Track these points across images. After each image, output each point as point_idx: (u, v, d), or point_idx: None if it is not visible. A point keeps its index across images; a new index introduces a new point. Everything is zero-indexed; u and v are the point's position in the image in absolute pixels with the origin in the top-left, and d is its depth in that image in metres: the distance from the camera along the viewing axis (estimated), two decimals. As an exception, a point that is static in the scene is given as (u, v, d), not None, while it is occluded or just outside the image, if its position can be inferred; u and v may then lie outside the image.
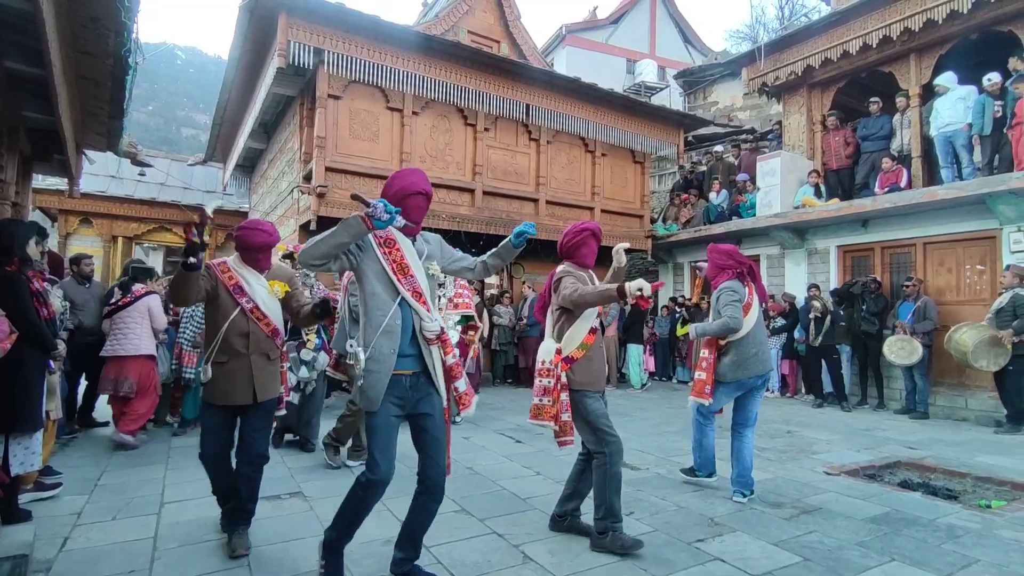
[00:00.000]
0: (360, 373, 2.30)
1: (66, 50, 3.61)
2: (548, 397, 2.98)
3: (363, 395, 2.33)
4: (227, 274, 2.85)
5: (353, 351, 2.30)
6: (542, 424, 3.02)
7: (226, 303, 2.83)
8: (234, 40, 8.19)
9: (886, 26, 8.02)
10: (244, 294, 2.85)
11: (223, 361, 2.81)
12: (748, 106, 14.93)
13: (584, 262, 3.20)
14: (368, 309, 2.36)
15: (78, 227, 12.21)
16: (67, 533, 3.04)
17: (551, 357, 3.01)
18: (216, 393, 2.82)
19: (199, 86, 59.61)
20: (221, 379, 2.80)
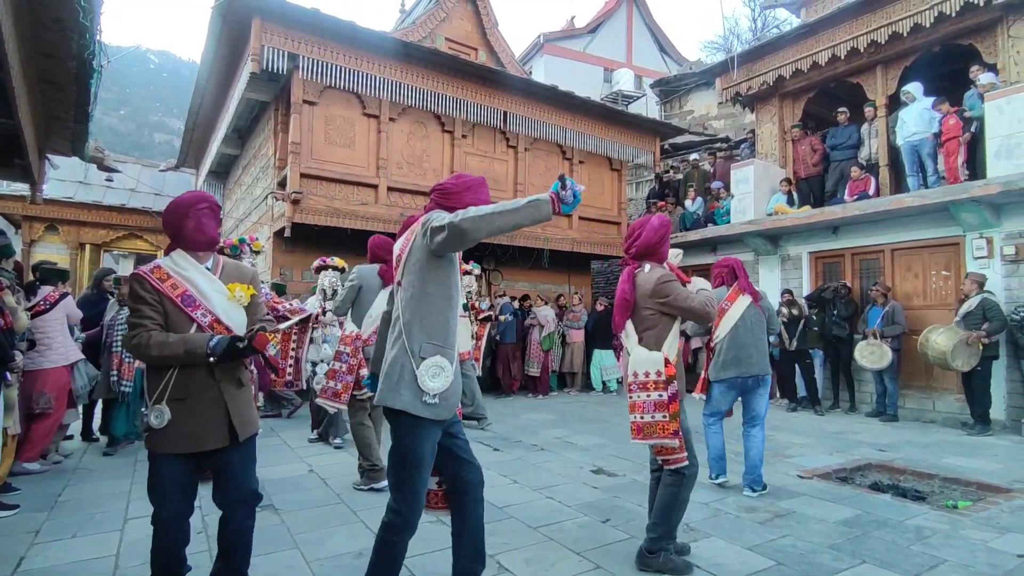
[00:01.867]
0: (441, 387, 2.06)
1: (26, 52, 3.50)
2: (662, 412, 2.68)
3: (442, 405, 2.08)
4: (168, 282, 2.14)
5: (437, 360, 2.05)
6: (660, 443, 2.71)
7: (177, 321, 2.13)
8: (207, 44, 8.06)
9: (853, 38, 8.24)
10: (197, 306, 2.16)
11: (182, 397, 2.10)
12: (723, 115, 15.19)
13: (664, 259, 2.94)
14: (452, 304, 2.14)
15: (43, 234, 11.87)
16: (23, 552, 2.92)
17: (660, 367, 2.71)
18: (178, 440, 2.09)
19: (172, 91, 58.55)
20: (184, 420, 2.08)
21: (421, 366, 2.04)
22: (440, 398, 2.06)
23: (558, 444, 5.51)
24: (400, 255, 2.22)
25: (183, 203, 2.21)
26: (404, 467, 2.08)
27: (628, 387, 2.77)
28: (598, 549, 3.02)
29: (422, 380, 2.03)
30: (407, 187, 8.62)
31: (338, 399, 4.01)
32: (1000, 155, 6.63)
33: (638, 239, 2.89)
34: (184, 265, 2.20)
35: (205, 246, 2.26)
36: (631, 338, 2.83)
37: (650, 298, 2.76)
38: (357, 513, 3.51)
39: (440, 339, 2.09)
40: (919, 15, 7.50)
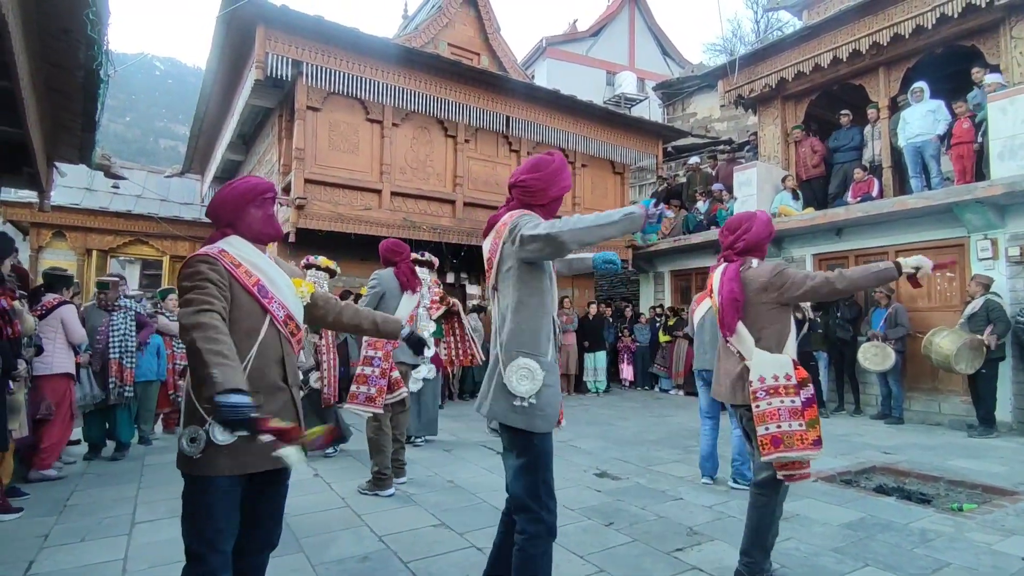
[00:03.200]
0: (531, 391, 1.96)
1: (35, 62, 3.55)
2: (798, 420, 2.41)
3: (541, 416, 1.97)
4: (241, 269, 1.81)
5: (526, 363, 1.97)
6: (802, 455, 2.41)
7: (248, 313, 1.79)
8: (212, 51, 8.14)
9: (855, 40, 8.24)
10: (271, 298, 1.85)
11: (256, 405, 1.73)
12: (725, 117, 15.20)
13: (764, 257, 2.75)
14: (544, 310, 2.05)
15: (51, 240, 11.95)
16: (33, 556, 2.95)
17: (788, 370, 2.47)
18: (245, 456, 1.70)
19: (177, 97, 59.02)
20: None
21: (508, 368, 1.97)
22: (530, 403, 1.95)
23: (561, 447, 5.52)
24: (491, 258, 2.12)
25: (250, 189, 1.90)
26: (527, 474, 1.98)
27: (753, 395, 2.49)
28: (601, 553, 3.03)
29: (509, 383, 1.95)
30: (410, 192, 8.67)
31: (373, 404, 3.97)
32: (1004, 156, 6.61)
33: (746, 233, 2.68)
34: (251, 252, 1.88)
35: (270, 239, 1.98)
36: (745, 341, 2.57)
37: (765, 292, 2.55)
38: (362, 517, 3.53)
39: (530, 346, 2.00)
40: (921, 17, 7.49)
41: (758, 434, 2.47)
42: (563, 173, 2.14)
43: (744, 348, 2.57)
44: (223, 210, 1.90)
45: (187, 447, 1.66)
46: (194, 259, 1.77)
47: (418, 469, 4.70)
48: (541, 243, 1.88)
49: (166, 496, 3.97)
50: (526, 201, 2.11)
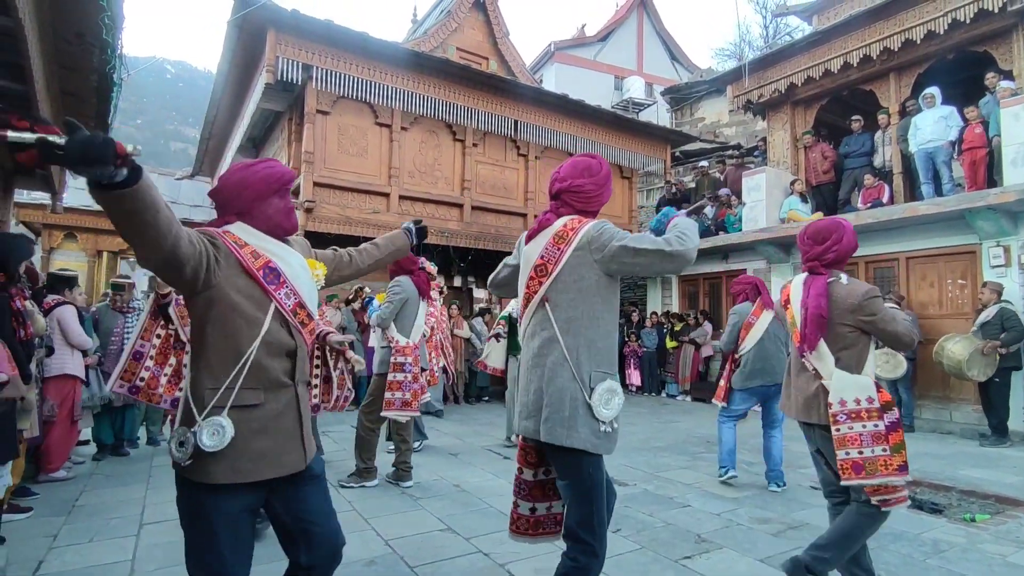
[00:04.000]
0: (614, 414, 1.87)
1: (50, 66, 3.59)
2: (882, 445, 2.31)
3: (612, 440, 1.89)
4: (247, 249, 1.60)
5: (609, 386, 1.86)
6: (885, 481, 2.30)
7: (250, 298, 1.57)
8: (223, 55, 8.21)
9: (866, 45, 8.21)
10: (282, 283, 1.63)
11: (255, 403, 1.56)
12: (734, 122, 15.16)
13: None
14: (613, 328, 1.95)
15: (62, 242, 12.08)
16: (42, 556, 2.97)
17: (871, 393, 2.37)
18: (244, 462, 1.52)
19: (188, 100, 59.58)
20: (254, 436, 1.55)
21: (594, 395, 1.83)
22: (612, 427, 1.88)
23: (569, 453, 5.51)
24: (545, 265, 1.93)
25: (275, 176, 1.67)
26: (592, 502, 1.88)
27: (832, 418, 2.37)
28: (609, 559, 2.99)
29: (597, 409, 1.83)
30: (419, 196, 8.70)
31: (409, 407, 4.20)
32: (1017, 162, 6.56)
33: (837, 244, 2.51)
34: (258, 235, 1.66)
35: (287, 234, 1.75)
36: (825, 359, 2.43)
37: (851, 314, 2.40)
38: (369, 521, 3.53)
39: (608, 366, 1.90)
40: (933, 22, 7.46)
41: (838, 458, 2.36)
42: (611, 180, 2.11)
43: (823, 367, 2.45)
44: (237, 197, 1.65)
45: (176, 452, 1.50)
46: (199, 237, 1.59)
47: (424, 473, 4.69)
48: (657, 258, 1.80)
49: (173, 497, 3.98)
50: (580, 207, 2.00)
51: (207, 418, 1.49)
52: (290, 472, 1.61)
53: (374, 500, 3.96)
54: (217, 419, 1.49)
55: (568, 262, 1.89)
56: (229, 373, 1.53)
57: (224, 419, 1.50)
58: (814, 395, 2.48)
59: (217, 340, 1.55)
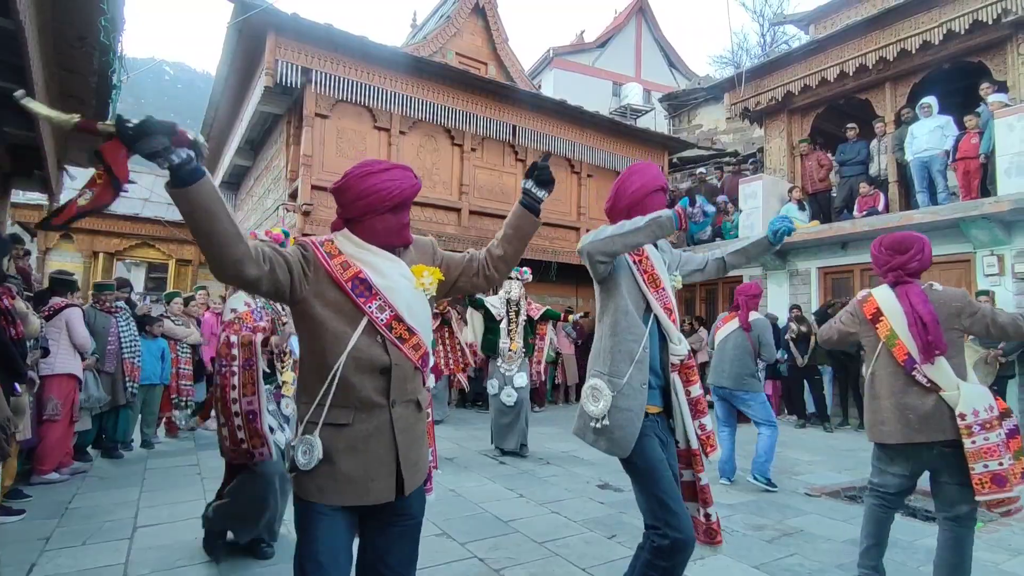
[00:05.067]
0: (600, 412, 1.91)
1: (50, 68, 3.60)
2: (1009, 455, 2.30)
3: (609, 439, 1.92)
4: (338, 259, 1.56)
5: (594, 384, 1.94)
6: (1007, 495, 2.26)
7: (340, 312, 1.52)
8: (222, 58, 8.22)
9: (862, 55, 8.28)
10: (373, 296, 1.55)
11: (343, 423, 1.50)
12: (731, 129, 15.22)
13: None
14: (617, 331, 1.98)
15: (58, 242, 12.05)
16: (34, 559, 2.95)
17: (991, 402, 2.34)
18: (330, 484, 1.48)
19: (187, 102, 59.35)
20: (342, 457, 1.48)
21: (583, 390, 2.03)
22: (601, 423, 1.92)
23: (563, 458, 5.50)
24: None
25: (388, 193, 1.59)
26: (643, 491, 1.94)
27: (967, 430, 2.29)
28: (604, 565, 3.02)
29: (584, 404, 1.99)
30: (416, 199, 8.65)
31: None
32: (1011, 172, 6.61)
33: (920, 253, 2.53)
34: (359, 242, 1.61)
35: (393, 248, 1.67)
36: (946, 370, 2.37)
37: (957, 317, 2.41)
38: (363, 525, 3.52)
39: (601, 364, 1.99)
40: (928, 32, 7.53)
41: (974, 472, 2.28)
42: (632, 176, 2.18)
43: (942, 377, 2.37)
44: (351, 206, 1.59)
45: (301, 458, 1.47)
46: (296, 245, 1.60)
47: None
48: (584, 256, 1.98)
49: (168, 500, 3.98)
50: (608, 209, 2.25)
51: (302, 435, 1.49)
52: (377, 502, 1.51)
53: (369, 504, 3.95)
54: (309, 437, 1.48)
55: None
56: (320, 389, 1.49)
57: (315, 438, 1.47)
58: (934, 409, 2.37)
59: (308, 354, 1.54)
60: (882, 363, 2.54)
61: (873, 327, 2.58)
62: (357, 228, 1.61)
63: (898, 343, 2.45)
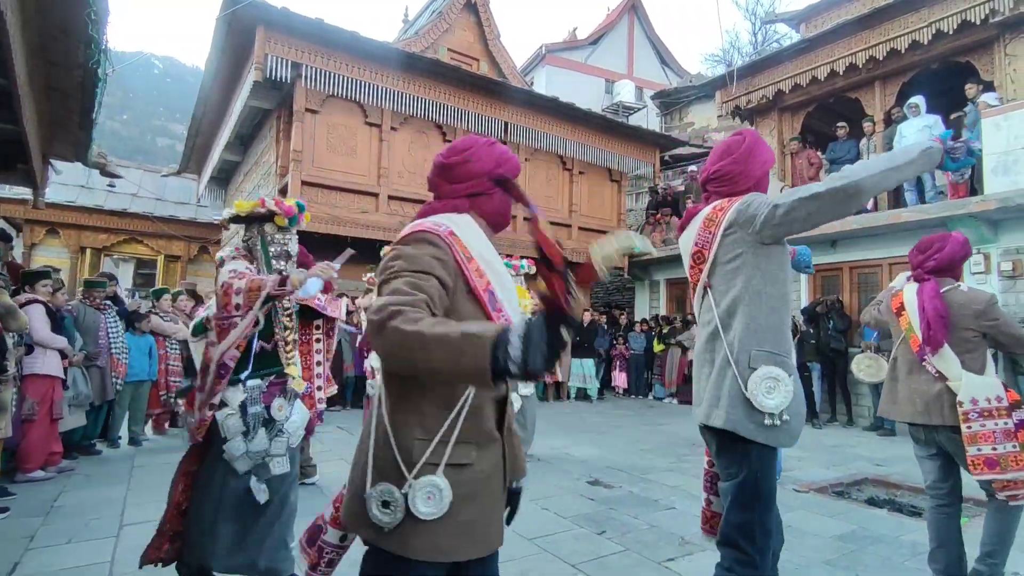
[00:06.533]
0: (780, 405, 1.69)
1: (34, 60, 3.54)
2: (1012, 441, 2.44)
3: (782, 432, 1.71)
4: (473, 264, 1.31)
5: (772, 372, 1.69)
6: (1016, 476, 2.43)
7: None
8: (211, 52, 8.14)
9: (852, 54, 8.32)
10: (498, 309, 1.33)
11: (466, 463, 1.25)
12: (723, 127, 15.27)
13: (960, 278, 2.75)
14: (784, 302, 1.80)
15: (44, 237, 11.91)
16: (18, 557, 2.92)
17: (999, 392, 2.49)
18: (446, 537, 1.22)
19: (176, 96, 58.91)
20: (462, 504, 1.23)
21: (751, 379, 1.70)
22: (780, 419, 1.69)
23: (554, 455, 5.51)
24: (702, 251, 1.88)
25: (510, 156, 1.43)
26: (756, 507, 1.72)
27: (964, 416, 2.46)
28: (593, 561, 3.02)
29: (754, 397, 1.68)
30: (408, 196, 8.67)
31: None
32: (997, 171, 6.68)
33: (938, 252, 2.67)
34: (483, 240, 1.37)
35: (500, 230, 1.50)
36: (950, 361, 2.53)
37: (975, 319, 2.54)
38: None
39: (773, 345, 1.74)
40: (917, 32, 7.58)
41: (968, 455, 2.47)
42: (758, 148, 1.92)
43: (948, 368, 2.53)
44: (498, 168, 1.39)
45: (378, 514, 1.19)
46: (419, 235, 1.28)
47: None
48: (821, 201, 1.62)
49: (155, 498, 3.92)
50: (726, 191, 1.90)
51: (419, 477, 1.20)
52: (492, 551, 1.33)
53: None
54: (433, 479, 1.19)
55: (721, 243, 1.83)
56: (444, 421, 1.22)
57: (441, 479, 1.20)
58: (937, 397, 2.55)
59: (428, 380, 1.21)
60: (902, 350, 2.75)
61: (897, 318, 2.80)
62: (486, 204, 1.40)
63: (913, 335, 2.67)
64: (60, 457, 4.61)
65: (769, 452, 1.74)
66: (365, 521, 1.22)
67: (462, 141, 1.44)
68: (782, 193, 1.73)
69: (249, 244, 2.55)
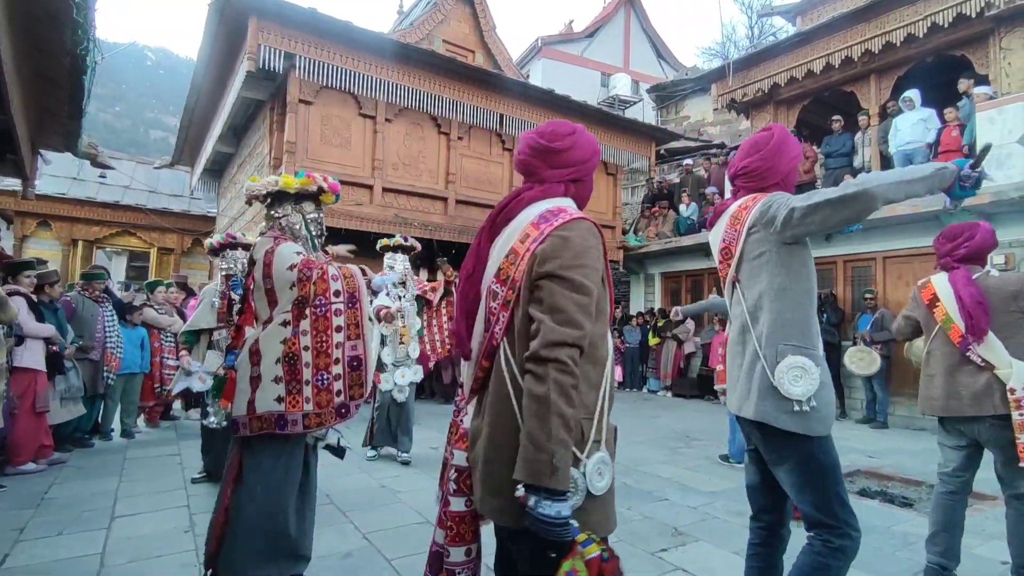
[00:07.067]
0: (806, 392, 1.73)
1: (20, 47, 3.49)
2: None
3: (813, 420, 1.75)
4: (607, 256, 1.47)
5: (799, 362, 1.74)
6: None
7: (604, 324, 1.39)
8: (203, 42, 8.05)
9: (848, 47, 8.31)
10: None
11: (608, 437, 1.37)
12: (718, 121, 15.27)
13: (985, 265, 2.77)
14: (811, 296, 1.84)
15: (36, 230, 11.80)
16: (8, 549, 2.90)
17: None
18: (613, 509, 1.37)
19: (169, 88, 58.35)
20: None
21: (777, 369, 1.76)
22: (808, 405, 1.73)
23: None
24: (729, 248, 1.93)
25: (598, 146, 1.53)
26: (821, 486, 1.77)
27: (1016, 403, 2.46)
28: (586, 552, 3.02)
29: (781, 385, 1.74)
30: (402, 188, 8.63)
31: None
32: (991, 165, 6.69)
33: (969, 241, 2.67)
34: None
35: None
36: (996, 348, 2.53)
37: (1014, 300, 2.55)
38: (347, 515, 3.51)
39: (800, 338, 1.79)
40: (913, 25, 7.57)
41: (1020, 440, 2.45)
42: (787, 144, 1.95)
43: (995, 356, 2.53)
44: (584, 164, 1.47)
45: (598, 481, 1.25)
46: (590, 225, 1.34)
47: (405, 468, 4.68)
48: (834, 207, 1.66)
49: (148, 490, 3.93)
50: (754, 187, 1.95)
51: (591, 455, 1.26)
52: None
53: (353, 495, 3.93)
54: (600, 454, 1.28)
55: (747, 241, 1.88)
56: (597, 400, 1.31)
57: (605, 453, 1.28)
58: (986, 388, 2.54)
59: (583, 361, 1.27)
60: (937, 343, 2.73)
61: (930, 311, 2.77)
62: (583, 191, 1.49)
63: (953, 326, 2.63)
64: (51, 450, 4.58)
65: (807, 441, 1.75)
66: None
67: (562, 125, 1.48)
68: (800, 195, 1.77)
69: (285, 223, 2.39)
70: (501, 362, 1.33)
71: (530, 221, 1.36)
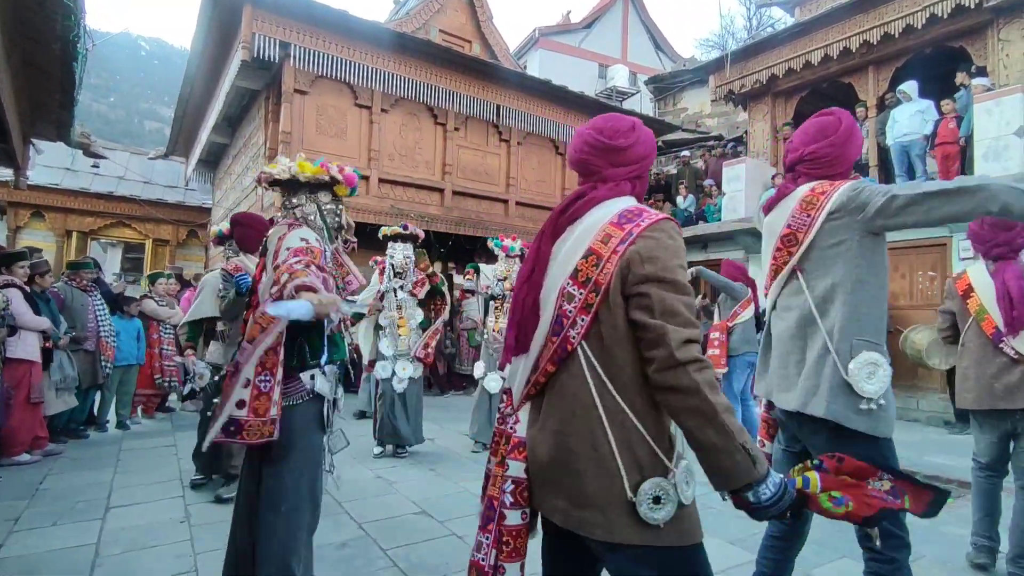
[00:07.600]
0: (878, 390, 1.68)
1: (9, 34, 3.44)
2: None
3: (880, 419, 1.71)
4: None
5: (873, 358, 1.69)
6: None
7: None
8: (197, 31, 7.97)
9: (846, 38, 8.28)
10: None
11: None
12: (716, 113, 15.22)
13: None
14: (885, 293, 1.80)
15: (29, 221, 11.72)
16: (2, 540, 2.90)
17: None
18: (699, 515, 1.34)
19: (163, 78, 57.79)
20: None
21: (851, 364, 1.69)
22: (876, 404, 1.69)
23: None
24: (795, 234, 1.82)
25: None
26: None
27: None
28: (582, 542, 3.03)
29: (855, 382, 1.68)
30: (398, 179, 8.59)
31: None
32: (988, 157, 6.69)
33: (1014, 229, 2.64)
34: None
35: None
36: None
37: None
38: (343, 505, 3.51)
39: (874, 335, 1.73)
40: (911, 16, 7.54)
41: None
42: (855, 131, 1.87)
43: None
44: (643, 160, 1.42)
45: (650, 512, 1.17)
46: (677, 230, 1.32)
47: (399, 459, 4.68)
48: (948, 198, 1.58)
49: (143, 481, 3.92)
50: (819, 174, 1.86)
51: (678, 463, 1.24)
52: None
53: (349, 485, 3.93)
54: (685, 463, 1.26)
55: (823, 227, 1.77)
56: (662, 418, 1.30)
57: (688, 460, 1.27)
58: (1020, 380, 2.55)
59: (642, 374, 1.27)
60: (971, 335, 2.71)
61: (964, 302, 2.74)
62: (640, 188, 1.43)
63: (987, 317, 2.62)
64: (46, 441, 4.57)
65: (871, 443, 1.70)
66: (631, 526, 1.18)
67: (620, 120, 1.42)
68: (906, 184, 1.71)
69: (300, 213, 2.31)
70: (582, 366, 1.26)
71: (608, 221, 1.29)
